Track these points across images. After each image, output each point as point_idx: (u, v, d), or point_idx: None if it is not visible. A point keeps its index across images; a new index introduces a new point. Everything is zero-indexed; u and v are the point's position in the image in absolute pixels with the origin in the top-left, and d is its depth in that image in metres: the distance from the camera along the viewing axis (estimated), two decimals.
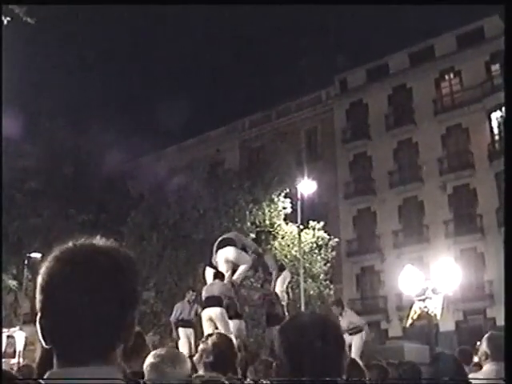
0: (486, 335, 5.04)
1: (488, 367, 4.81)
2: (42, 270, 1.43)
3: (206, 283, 12.64)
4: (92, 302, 1.37)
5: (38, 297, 1.42)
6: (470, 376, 5.10)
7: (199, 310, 12.88)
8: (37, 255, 30.66)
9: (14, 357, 31.91)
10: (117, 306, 1.40)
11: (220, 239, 12.62)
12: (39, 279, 1.43)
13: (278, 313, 12.30)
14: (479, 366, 5.61)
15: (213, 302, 11.17)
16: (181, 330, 13.20)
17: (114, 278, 1.42)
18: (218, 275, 11.75)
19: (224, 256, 12.21)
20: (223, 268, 12.14)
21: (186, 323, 13.34)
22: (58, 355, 1.41)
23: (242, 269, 12.28)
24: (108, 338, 1.40)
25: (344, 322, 12.33)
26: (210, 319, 11.11)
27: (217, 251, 12.41)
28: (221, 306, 11.17)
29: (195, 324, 13.33)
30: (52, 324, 1.40)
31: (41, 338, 1.42)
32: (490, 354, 4.84)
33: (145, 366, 3.66)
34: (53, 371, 1.41)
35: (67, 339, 1.39)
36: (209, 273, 12.64)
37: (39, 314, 1.42)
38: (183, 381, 3.55)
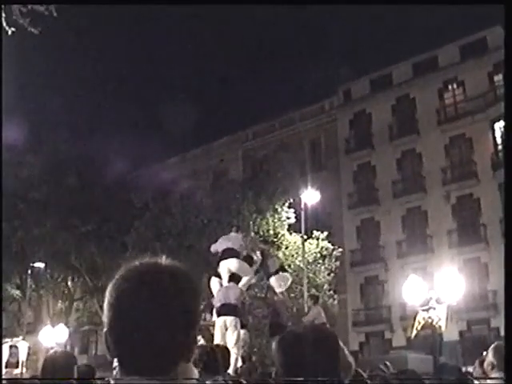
0: (493, 345, 5.03)
1: (494, 375, 4.81)
2: (110, 287, 1.50)
3: (211, 293, 12.62)
4: (157, 319, 1.43)
5: (107, 313, 1.48)
6: None
7: (208, 316, 12.86)
8: (40, 265, 30.66)
9: (17, 367, 31.86)
10: (180, 324, 1.46)
11: (224, 248, 12.58)
12: (107, 296, 1.50)
13: (282, 323, 12.27)
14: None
15: (229, 310, 11.19)
16: None
17: (178, 296, 1.48)
18: (234, 278, 11.72)
19: (226, 267, 12.25)
20: (226, 278, 12.14)
21: None
22: (123, 365, 1.47)
23: (245, 280, 12.26)
24: (171, 355, 1.46)
25: (311, 315, 13.10)
26: (224, 327, 11.13)
27: (219, 262, 12.43)
28: (236, 316, 11.18)
29: (204, 330, 13.24)
30: (119, 338, 1.46)
31: (106, 349, 1.49)
32: (496, 364, 4.83)
33: None
34: (117, 378, 1.49)
35: (133, 353, 1.45)
36: (214, 282, 12.64)
37: (106, 328, 1.48)
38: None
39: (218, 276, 12.58)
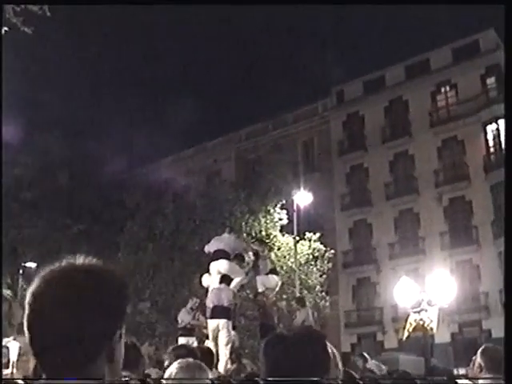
0: (481, 348, 5.03)
1: (484, 380, 4.81)
2: (30, 288, 1.50)
3: (206, 292, 12.63)
4: (70, 318, 1.43)
5: (25, 312, 1.49)
6: None
7: (201, 317, 12.85)
8: (32, 265, 30.56)
9: (7, 367, 31.68)
10: (95, 321, 1.45)
11: (215, 250, 12.56)
12: (27, 297, 1.49)
13: (273, 324, 12.27)
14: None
15: (221, 313, 11.19)
16: (182, 340, 12.92)
17: (93, 294, 1.47)
18: (225, 279, 11.69)
19: (216, 268, 12.25)
20: (215, 279, 12.14)
21: (186, 332, 13.22)
22: (42, 367, 1.47)
23: (236, 281, 12.24)
24: (86, 353, 1.45)
25: (300, 318, 13.14)
26: (216, 329, 11.13)
27: (210, 263, 12.43)
28: (228, 318, 11.18)
29: (197, 332, 13.20)
30: (34, 337, 1.46)
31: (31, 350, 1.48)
32: (484, 366, 4.84)
33: (167, 374, 3.64)
34: (41, 383, 1.48)
35: (48, 353, 1.45)
36: (206, 278, 12.67)
37: (26, 329, 1.48)
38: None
39: (210, 273, 12.60)
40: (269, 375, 2.11)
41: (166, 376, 3.64)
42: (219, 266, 12.21)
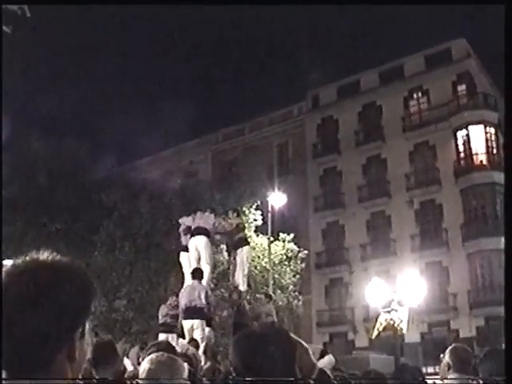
0: (450, 347, 5.07)
1: (451, 378, 4.84)
2: None
3: (181, 268, 12.65)
4: (29, 314, 1.39)
5: None
6: None
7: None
8: (8, 262, 30.23)
9: None
10: (55, 318, 1.41)
11: (196, 226, 12.56)
12: None
13: (246, 323, 12.26)
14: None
15: (195, 313, 11.17)
16: (162, 336, 12.88)
17: (53, 291, 1.43)
18: (197, 273, 11.65)
19: (195, 244, 12.37)
20: (193, 254, 12.28)
21: (167, 328, 13.17)
22: (3, 366, 1.43)
23: (207, 274, 12.21)
24: (45, 351, 1.41)
25: (263, 310, 13.47)
26: (191, 329, 11.13)
27: (191, 236, 12.47)
28: (202, 318, 11.17)
29: (178, 329, 13.14)
30: None
31: None
32: (452, 365, 4.87)
33: (140, 371, 3.57)
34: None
35: (8, 351, 1.40)
36: (183, 257, 12.73)
37: None
38: None
39: (187, 250, 12.64)
40: (239, 370, 2.12)
41: (140, 370, 3.60)
42: (197, 242, 12.29)
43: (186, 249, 12.73)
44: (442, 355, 5.16)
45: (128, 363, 14.55)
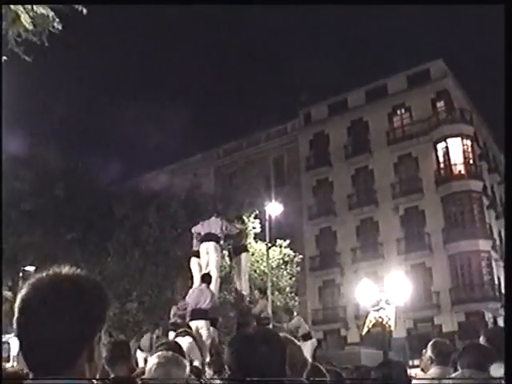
0: (431, 342, 5.07)
1: (433, 371, 4.83)
2: (19, 294, 1.51)
3: (191, 274, 12.60)
4: (54, 321, 1.43)
5: (15, 316, 1.49)
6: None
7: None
8: (30, 268, 30.23)
9: (8, 361, 31.34)
10: (77, 325, 1.46)
11: (206, 232, 12.52)
12: (16, 301, 1.50)
13: (248, 323, 12.26)
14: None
15: (200, 315, 11.15)
16: (171, 335, 12.86)
17: (76, 301, 1.48)
18: (206, 278, 11.61)
19: (205, 248, 12.29)
20: (204, 259, 12.22)
21: (175, 327, 13.13)
22: (29, 367, 1.47)
23: (214, 277, 12.16)
24: (69, 353, 1.46)
25: (258, 307, 13.16)
26: (197, 329, 11.13)
27: (201, 243, 12.44)
28: (207, 319, 11.15)
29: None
30: (23, 340, 1.47)
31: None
32: (434, 358, 4.87)
33: (149, 366, 3.62)
34: (26, 382, 1.52)
35: (34, 353, 1.46)
36: (193, 263, 12.68)
37: (16, 331, 1.48)
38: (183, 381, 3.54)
39: (197, 256, 12.60)
40: (232, 369, 2.15)
41: (148, 366, 3.64)
42: (208, 247, 12.28)
43: (196, 255, 12.70)
44: (424, 350, 5.16)
45: (140, 356, 14.53)
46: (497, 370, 3.44)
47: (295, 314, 16.65)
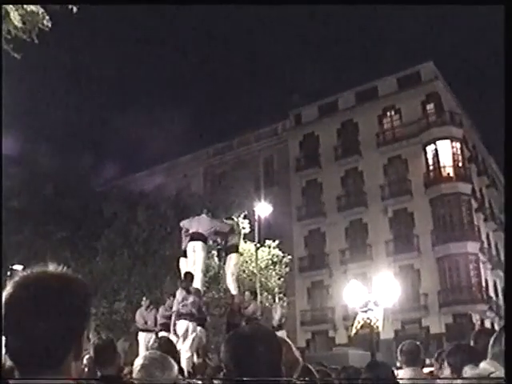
0: (400, 346, 5.19)
1: (404, 372, 4.98)
2: (4, 292, 1.49)
3: (180, 274, 12.58)
4: (41, 320, 1.42)
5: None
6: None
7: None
8: (19, 267, 30.12)
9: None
10: (64, 323, 1.44)
11: (194, 231, 12.50)
12: (2, 299, 1.48)
13: (238, 323, 12.25)
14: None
15: (187, 316, 11.13)
16: (163, 334, 12.83)
17: (61, 299, 1.47)
18: (188, 277, 11.54)
19: (192, 247, 12.31)
20: (191, 257, 12.25)
21: (165, 327, 13.09)
22: (16, 367, 1.45)
23: (198, 276, 12.14)
24: (57, 352, 1.44)
25: (250, 309, 13.03)
26: (183, 329, 11.12)
27: (190, 240, 12.43)
28: (193, 321, 11.14)
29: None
30: (9, 339, 1.45)
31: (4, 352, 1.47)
32: (404, 361, 4.97)
33: (134, 366, 3.59)
34: (11, 382, 1.46)
35: (21, 353, 1.43)
36: (183, 264, 12.70)
37: (3, 330, 1.46)
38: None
39: (186, 256, 12.59)
40: (229, 367, 2.14)
41: (134, 366, 3.61)
42: (195, 246, 12.29)
43: (185, 255, 12.70)
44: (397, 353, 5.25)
45: (141, 338, 14.35)
46: (469, 372, 3.49)
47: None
